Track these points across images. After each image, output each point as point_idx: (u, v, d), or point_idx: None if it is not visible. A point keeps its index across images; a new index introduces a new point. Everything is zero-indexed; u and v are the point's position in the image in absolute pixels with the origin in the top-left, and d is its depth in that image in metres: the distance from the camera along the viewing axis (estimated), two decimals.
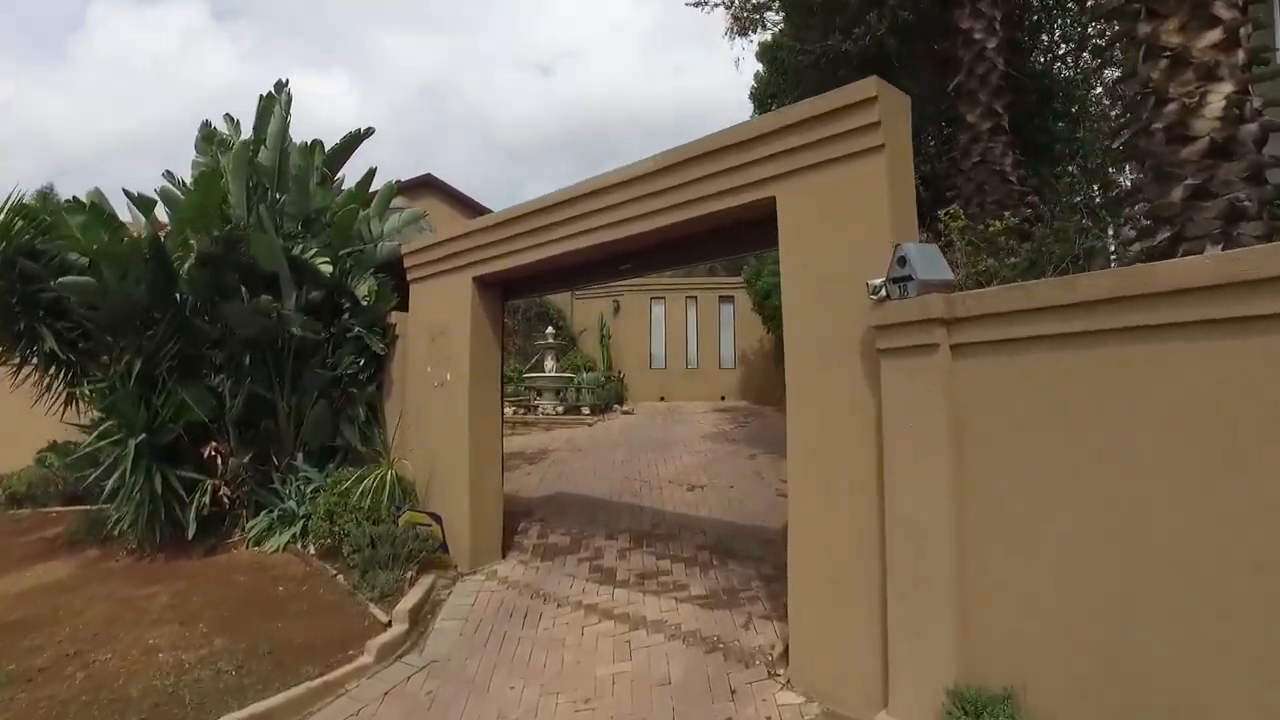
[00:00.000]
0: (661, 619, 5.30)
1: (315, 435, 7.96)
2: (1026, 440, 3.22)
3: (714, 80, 58.70)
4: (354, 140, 9.30)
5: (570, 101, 65.94)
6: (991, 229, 5.81)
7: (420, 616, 5.81)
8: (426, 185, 19.93)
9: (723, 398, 19.45)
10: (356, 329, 7.90)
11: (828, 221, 4.16)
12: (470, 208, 20.19)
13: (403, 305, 8.03)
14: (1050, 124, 10.15)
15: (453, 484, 7.01)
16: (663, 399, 19.57)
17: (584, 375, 18.15)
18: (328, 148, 9.05)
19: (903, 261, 3.70)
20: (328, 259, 7.97)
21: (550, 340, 17.50)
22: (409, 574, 6.47)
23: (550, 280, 7.00)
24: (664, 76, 61.96)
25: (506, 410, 15.94)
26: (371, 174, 8.97)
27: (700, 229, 5.11)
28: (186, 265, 7.52)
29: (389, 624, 5.58)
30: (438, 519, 6.73)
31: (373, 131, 9.44)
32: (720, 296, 20.08)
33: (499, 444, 7.29)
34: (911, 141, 4.26)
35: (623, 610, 5.54)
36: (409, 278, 7.79)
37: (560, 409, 15.83)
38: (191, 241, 7.43)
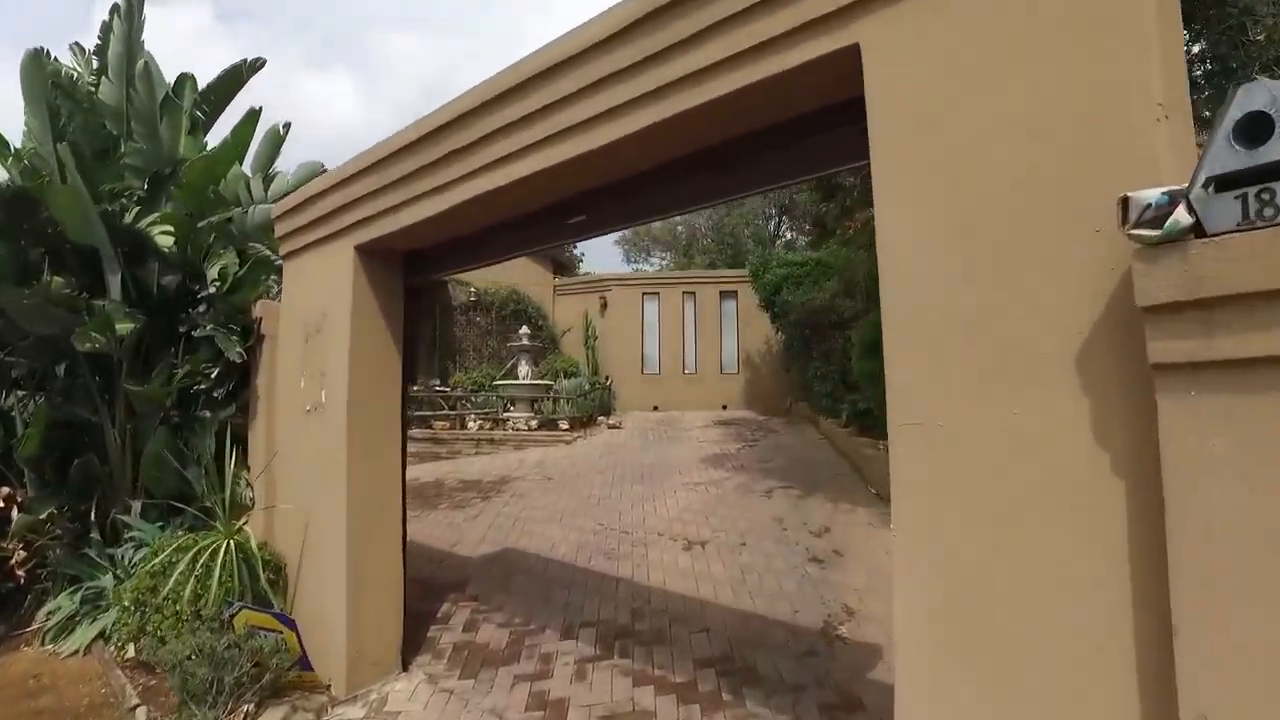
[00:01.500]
0: None
1: (157, 478, 5.58)
2: None
3: None
4: (236, 75, 6.94)
5: None
6: None
7: None
8: None
9: (724, 406, 17.09)
10: (210, 326, 5.52)
11: (998, 66, 1.81)
12: None
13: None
14: None
15: (327, 560, 4.63)
16: (656, 408, 17.20)
17: (563, 382, 15.77)
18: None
19: (1259, 128, 1.35)
20: (170, 228, 5.62)
21: (524, 342, 15.11)
22: (246, 708, 4.12)
23: (473, 246, 4.57)
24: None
25: (470, 425, 13.64)
26: (254, 116, 6.58)
27: (709, 131, 2.74)
28: None
29: None
30: (289, 623, 4.33)
31: (263, 63, 7.09)
32: (722, 291, 17.72)
33: (399, 497, 4.89)
34: None
35: None
36: (281, 251, 5.41)
37: (534, 423, 13.44)
38: None
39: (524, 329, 15.65)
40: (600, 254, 45.46)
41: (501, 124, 3.30)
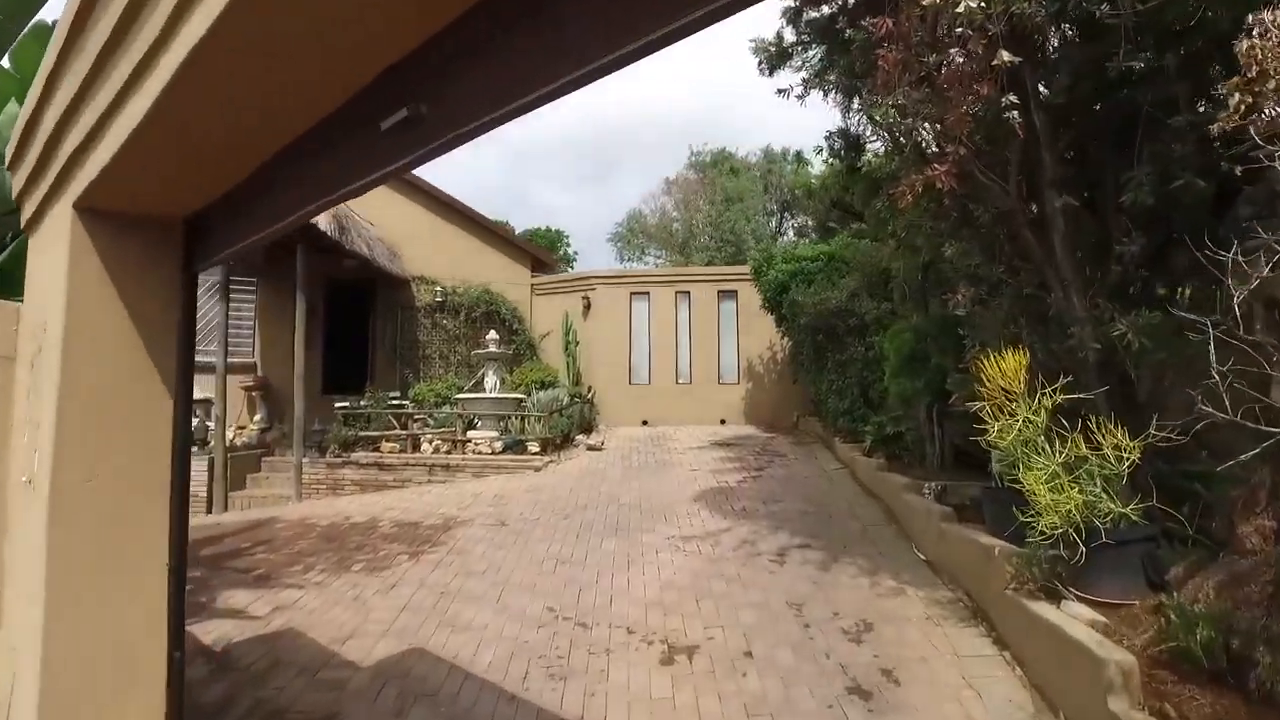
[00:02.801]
0: None
1: None
2: None
3: (733, 76, 54.78)
4: None
5: (583, 101, 61.85)
6: None
7: None
8: None
9: (723, 421, 15.10)
10: None
11: None
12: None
13: None
14: None
15: None
16: (646, 423, 15.20)
17: (538, 395, 13.75)
18: None
19: None
20: None
21: (492, 349, 13.08)
22: None
23: (261, 195, 2.51)
24: (680, 73, 57.77)
25: (425, 447, 11.56)
26: (44, 34, 4.57)
27: None
28: None
29: None
30: None
31: None
32: (720, 291, 15.72)
33: (163, 639, 2.88)
34: None
35: None
36: (22, 221, 3.43)
37: (499, 445, 11.42)
38: None
39: (491, 333, 13.59)
40: (592, 254, 43.60)
41: None
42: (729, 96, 55.77)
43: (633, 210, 39.48)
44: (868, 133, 8.37)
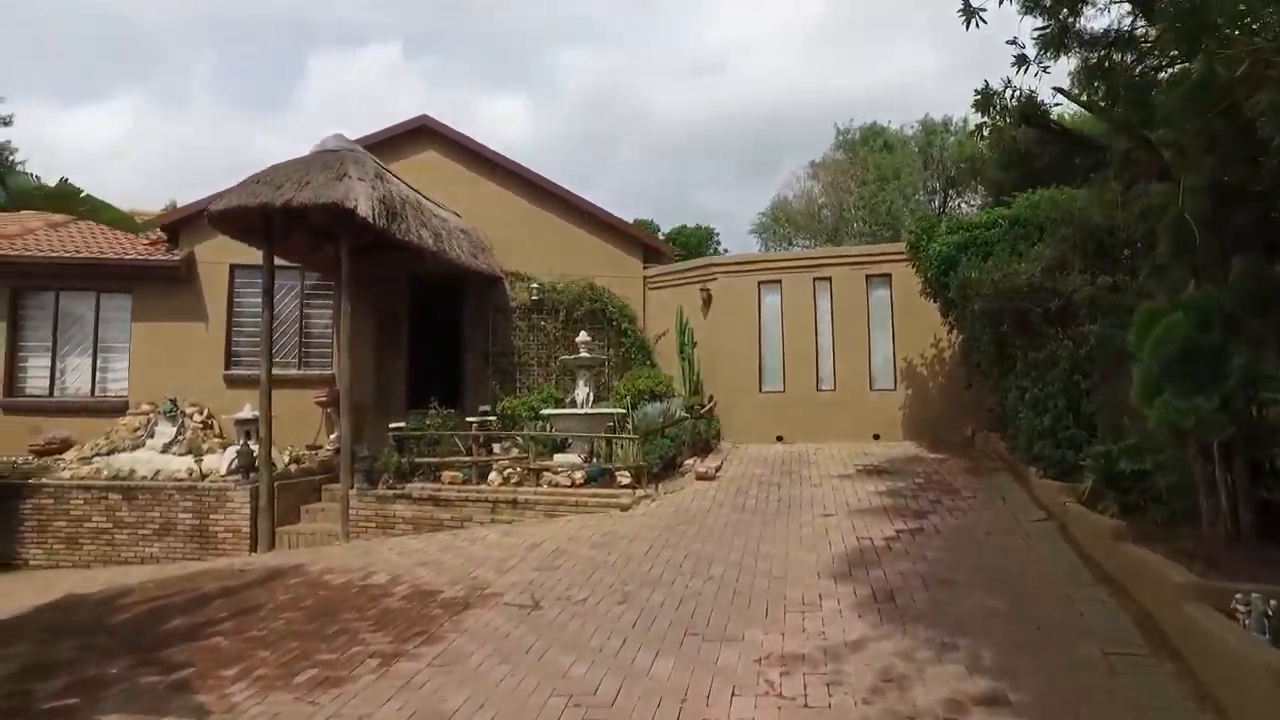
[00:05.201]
0: None
1: None
2: None
3: (895, 66, 50.78)
4: None
5: (739, 99, 59.32)
6: None
7: None
8: (422, 133, 13.86)
9: (876, 436, 12.07)
10: None
11: None
12: (485, 162, 13.94)
13: None
14: None
15: None
16: (780, 439, 12.43)
17: (646, 408, 11.37)
18: None
19: None
20: None
21: (582, 354, 10.83)
22: None
23: None
24: (837, 67, 54.41)
25: (493, 477, 9.35)
26: None
27: None
28: None
29: None
30: None
31: None
32: (869, 275, 12.66)
33: None
34: None
35: None
36: None
37: (581, 475, 9.12)
38: None
39: (582, 335, 11.32)
40: (736, 246, 40.56)
41: None
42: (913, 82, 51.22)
43: (777, 197, 36.27)
44: None
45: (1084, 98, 5.58)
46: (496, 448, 10.46)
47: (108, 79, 66.54)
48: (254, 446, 9.84)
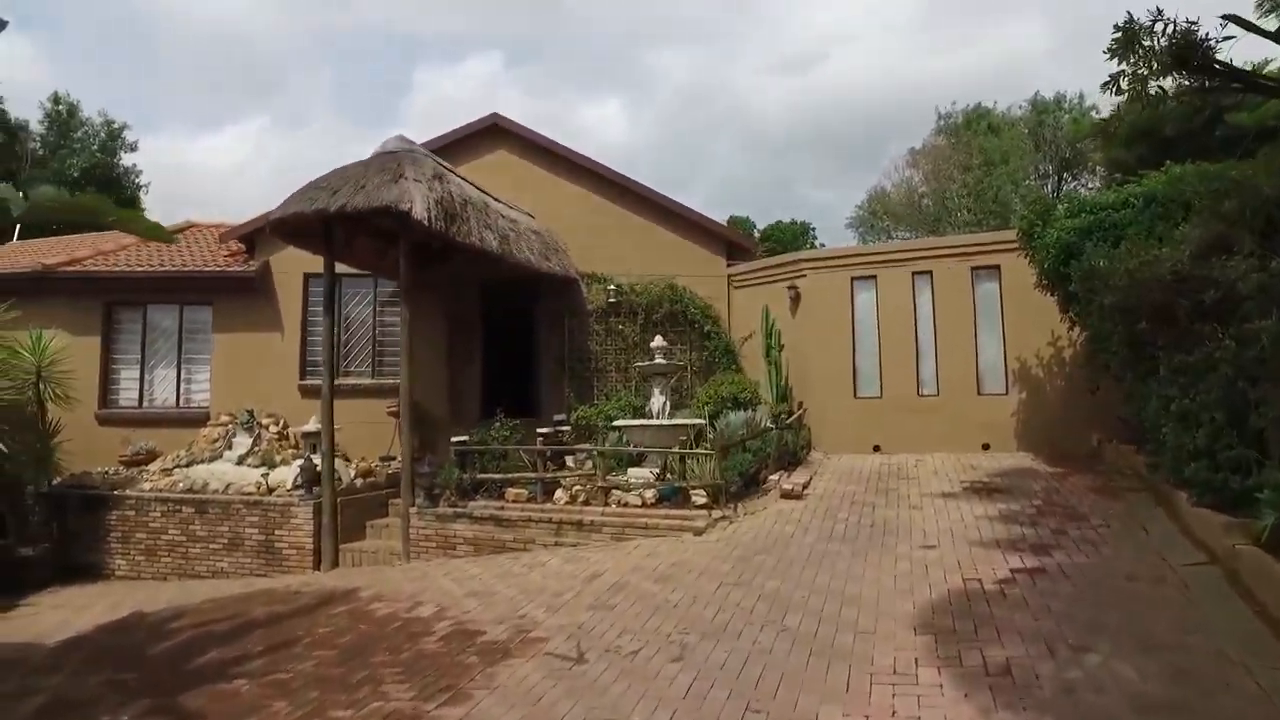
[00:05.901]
0: None
1: None
2: None
3: (995, 48, 48.43)
4: None
5: (839, 91, 57.65)
6: None
7: None
8: (493, 132, 13.41)
9: (986, 446, 10.81)
10: None
11: None
12: (559, 160, 13.37)
13: None
14: None
15: None
16: (877, 449, 11.34)
17: (730, 416, 10.52)
18: None
19: None
20: None
21: (658, 359, 10.07)
22: None
23: None
24: (937, 52, 52.34)
25: (559, 495, 8.69)
26: None
27: None
28: None
29: None
30: None
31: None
32: (975, 268, 11.39)
33: None
34: None
35: None
36: None
37: (652, 495, 8.38)
38: None
39: (657, 339, 10.56)
40: (833, 242, 38.95)
41: None
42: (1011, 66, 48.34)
43: (875, 188, 34.45)
44: None
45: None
46: (570, 460, 9.85)
47: (231, 99, 70.28)
48: (316, 460, 9.55)
